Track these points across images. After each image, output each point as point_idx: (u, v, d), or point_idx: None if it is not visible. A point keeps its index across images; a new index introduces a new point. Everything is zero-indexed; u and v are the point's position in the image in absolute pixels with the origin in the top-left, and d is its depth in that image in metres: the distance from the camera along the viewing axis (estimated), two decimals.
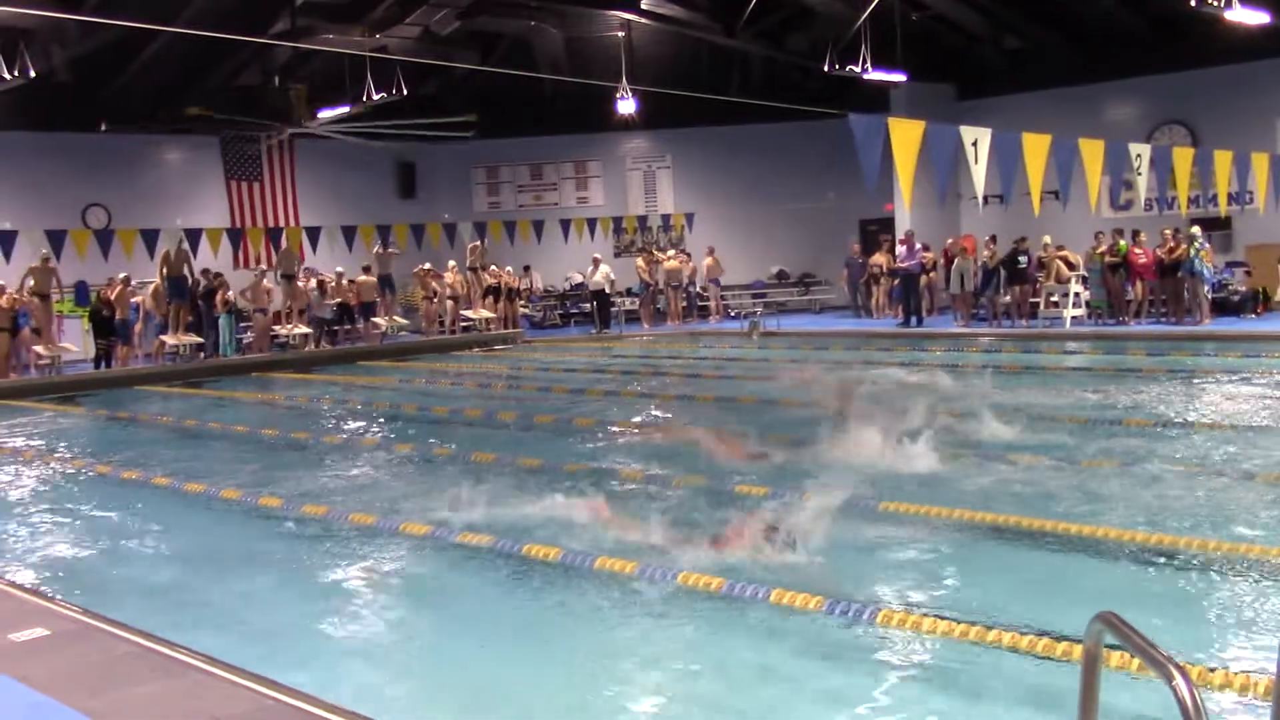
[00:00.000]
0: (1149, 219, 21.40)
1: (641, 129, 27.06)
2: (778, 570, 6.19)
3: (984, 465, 8.85)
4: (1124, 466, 8.66)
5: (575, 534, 7.18)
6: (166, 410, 15.54)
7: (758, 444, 9.97)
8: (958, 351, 18.59)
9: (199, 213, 24.10)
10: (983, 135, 12.61)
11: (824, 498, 7.15)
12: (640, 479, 9.04)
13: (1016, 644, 5.01)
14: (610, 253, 27.56)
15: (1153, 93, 23.16)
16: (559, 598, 6.14)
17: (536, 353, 22.00)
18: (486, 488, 8.27)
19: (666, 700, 4.85)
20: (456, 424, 13.28)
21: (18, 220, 21.15)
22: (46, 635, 5.35)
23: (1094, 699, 2.88)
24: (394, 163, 27.68)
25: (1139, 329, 19.66)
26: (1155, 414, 11.18)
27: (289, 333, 22.17)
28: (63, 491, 10.14)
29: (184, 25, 17.47)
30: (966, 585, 6.12)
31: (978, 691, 4.72)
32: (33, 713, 4.43)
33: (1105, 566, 6.36)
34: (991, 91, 24.65)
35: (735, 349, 20.90)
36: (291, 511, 8.48)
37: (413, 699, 4.98)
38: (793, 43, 25.68)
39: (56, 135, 22.48)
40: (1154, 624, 4.96)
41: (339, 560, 7.19)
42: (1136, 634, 2.65)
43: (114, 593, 6.60)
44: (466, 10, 24.34)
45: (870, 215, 26.72)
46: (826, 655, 5.17)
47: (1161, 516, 7.18)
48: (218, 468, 10.62)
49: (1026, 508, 7.44)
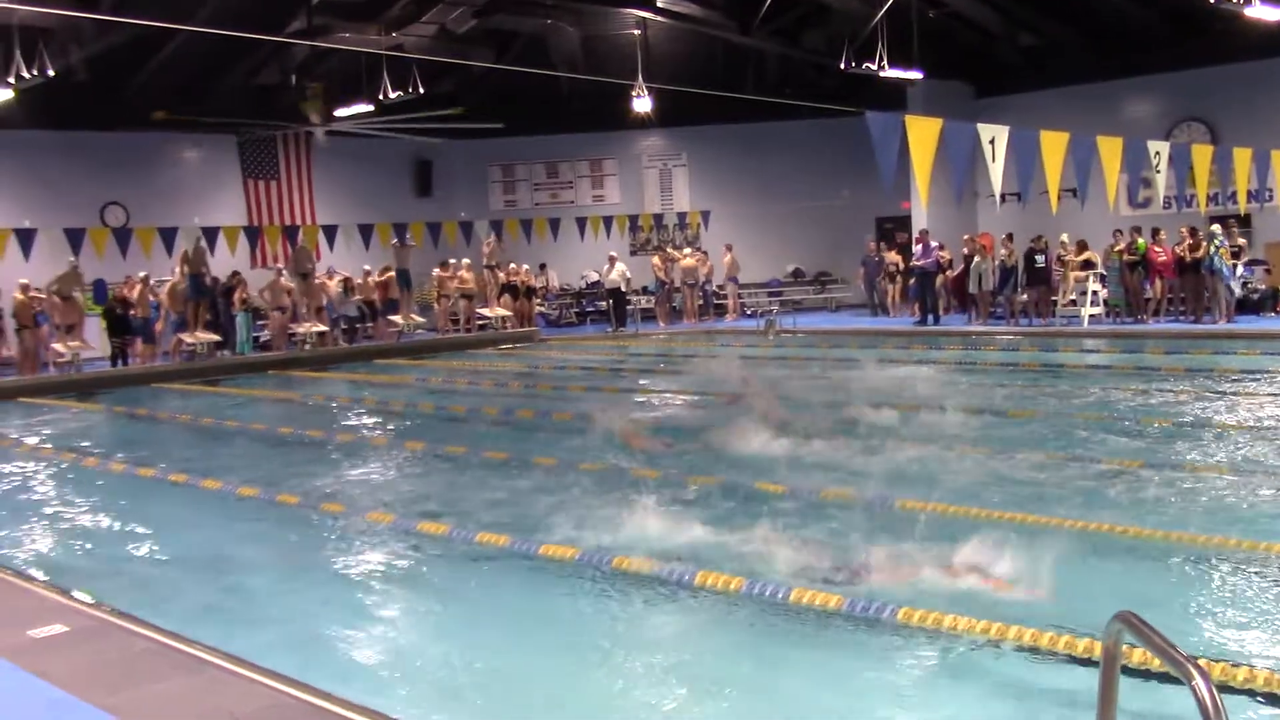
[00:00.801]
0: (1168, 217, 21.30)
1: (657, 127, 27.05)
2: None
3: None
4: (1149, 466, 8.63)
5: (594, 532, 7.18)
6: (185, 408, 15.60)
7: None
8: (974, 350, 18.52)
9: (216, 211, 24.22)
10: (1000, 133, 12.58)
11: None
12: (658, 478, 9.03)
13: (1037, 642, 5.00)
14: (626, 251, 27.57)
15: (1171, 90, 23.03)
16: (582, 595, 6.15)
17: (553, 351, 22.00)
18: (508, 486, 8.28)
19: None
20: (473, 422, 13.27)
21: (37, 219, 21.27)
22: (65, 632, 5.38)
23: (1113, 698, 2.87)
24: (410, 161, 27.74)
25: (1157, 327, 19.58)
26: (1179, 413, 11.13)
27: (306, 331, 22.24)
28: (80, 488, 10.18)
29: (201, 24, 17.52)
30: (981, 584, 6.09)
31: (997, 689, 4.71)
32: (53, 709, 4.45)
33: (1126, 565, 6.33)
34: (1009, 89, 24.57)
35: (751, 347, 20.87)
36: (310, 508, 8.51)
37: (433, 697, 4.98)
38: (809, 40, 25.63)
39: (75, 134, 22.61)
40: (1174, 623, 4.94)
41: (356, 557, 7.21)
42: (1156, 634, 2.64)
43: (130, 589, 6.62)
44: (483, 8, 24.39)
45: (887, 213, 26.68)
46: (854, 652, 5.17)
47: (1185, 515, 7.15)
48: (233, 464, 10.66)
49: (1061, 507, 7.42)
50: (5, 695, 4.64)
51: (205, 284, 20.78)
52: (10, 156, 22.32)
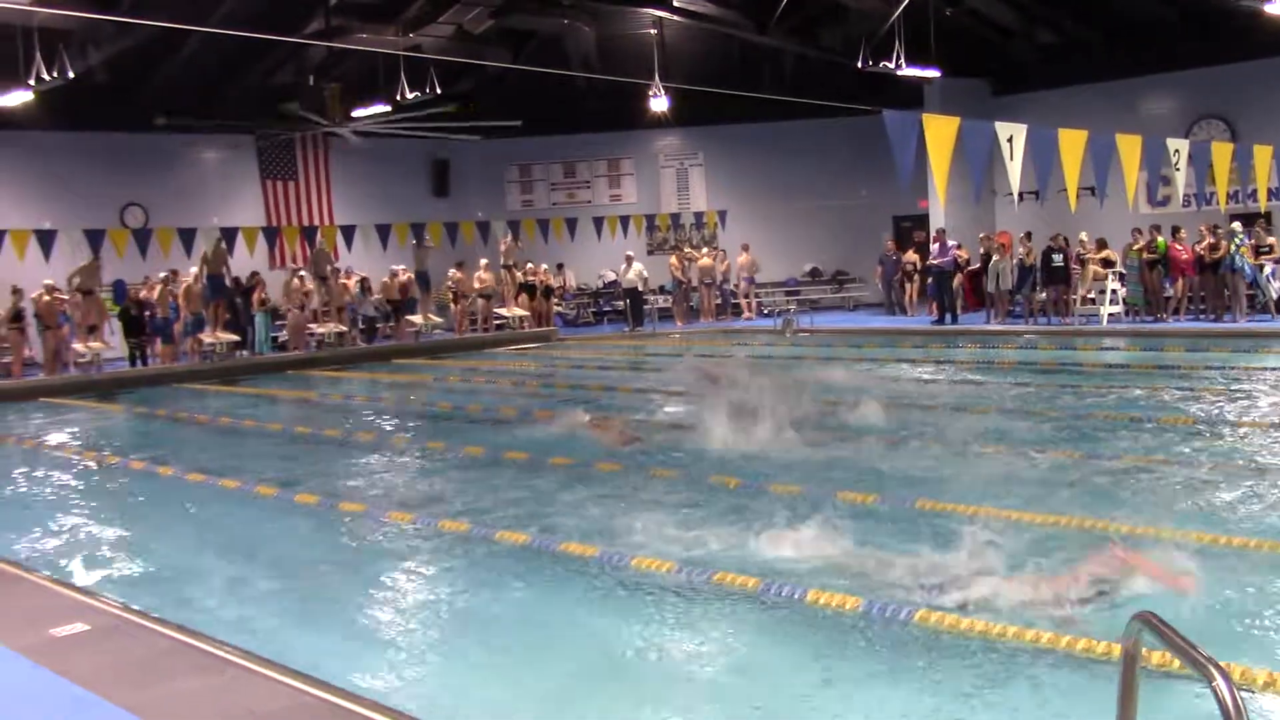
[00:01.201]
0: (1187, 215, 21.18)
1: (674, 126, 27.05)
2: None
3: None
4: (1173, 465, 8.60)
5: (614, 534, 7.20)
6: (204, 408, 15.68)
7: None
8: (992, 349, 18.47)
9: (235, 211, 24.33)
10: (1018, 131, 12.54)
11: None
12: (675, 478, 9.05)
13: (1055, 643, 4.98)
14: (643, 250, 27.57)
15: (1191, 87, 22.89)
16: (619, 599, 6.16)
17: (571, 350, 22.02)
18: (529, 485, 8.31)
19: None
20: (490, 421, 13.29)
21: (57, 219, 21.39)
22: (87, 630, 5.42)
23: (1133, 699, 2.87)
24: (428, 161, 27.81)
25: (1178, 326, 19.47)
26: (1198, 412, 11.08)
27: (325, 331, 22.34)
28: (101, 488, 10.26)
29: (219, 25, 17.60)
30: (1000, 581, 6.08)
31: (1016, 691, 4.70)
32: (75, 707, 4.48)
33: None
34: (1026, 87, 24.47)
35: (769, 346, 20.85)
36: (328, 507, 8.54)
37: (455, 696, 4.99)
38: (826, 39, 25.56)
39: (94, 135, 22.75)
40: (1196, 623, 4.92)
41: (381, 556, 7.23)
42: (1176, 634, 2.63)
43: (154, 588, 6.66)
44: (500, 9, 24.41)
45: (904, 212, 26.62)
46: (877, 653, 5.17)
47: (1204, 514, 7.12)
48: (251, 464, 10.71)
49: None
50: (28, 693, 4.67)
51: (224, 284, 20.86)
52: (31, 158, 22.48)
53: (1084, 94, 23.25)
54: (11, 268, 19.98)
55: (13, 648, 5.18)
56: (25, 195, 22.43)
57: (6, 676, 4.87)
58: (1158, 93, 23.32)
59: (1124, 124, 17.36)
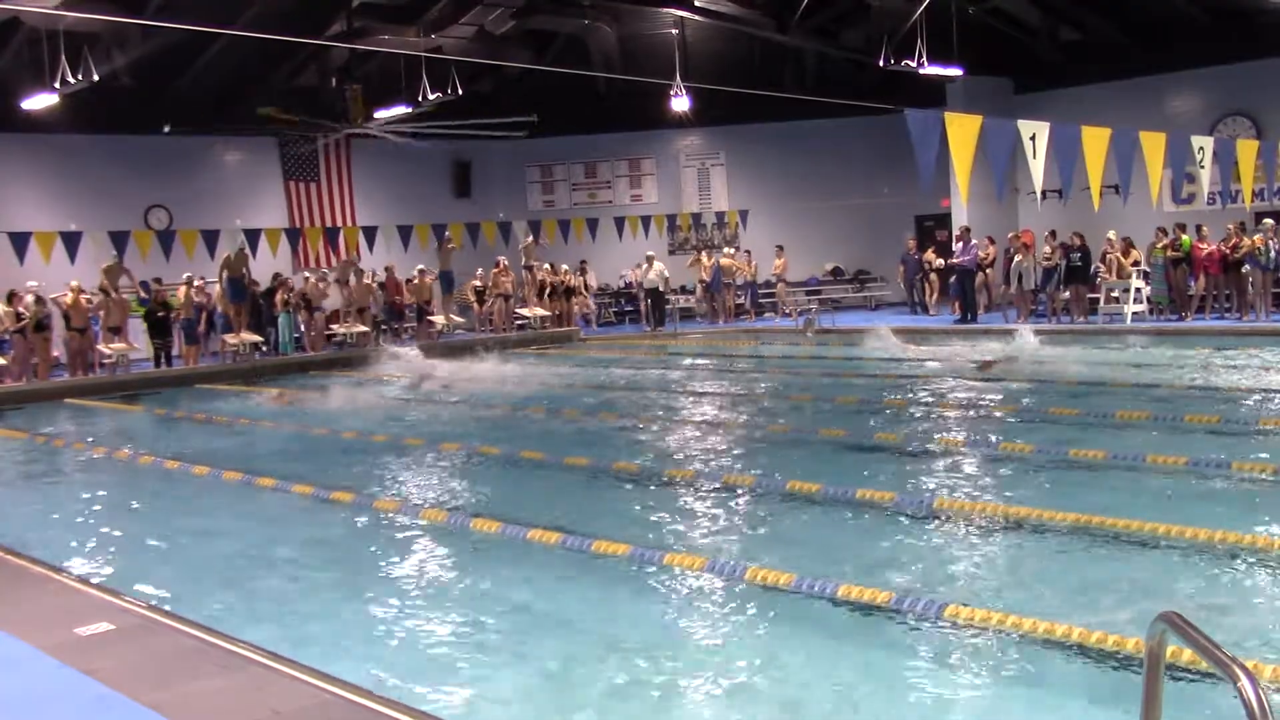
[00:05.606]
0: (1211, 213, 21.02)
1: (695, 126, 27.04)
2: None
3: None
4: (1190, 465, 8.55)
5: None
6: (226, 408, 15.74)
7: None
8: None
9: (258, 213, 24.45)
10: (1041, 129, 12.47)
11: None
12: (690, 477, 9.05)
13: (1085, 640, 4.97)
14: (664, 250, 27.56)
15: (1215, 84, 22.71)
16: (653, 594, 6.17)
17: (593, 350, 22.02)
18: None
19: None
20: (518, 422, 13.30)
21: (83, 221, 21.51)
22: (111, 629, 5.45)
23: (1157, 699, 2.85)
24: (449, 162, 27.86)
25: (1201, 324, 19.31)
26: (1218, 410, 11.01)
27: (347, 331, 22.44)
28: (125, 487, 10.32)
29: (242, 28, 17.69)
30: (1032, 583, 6.06)
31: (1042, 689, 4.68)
32: (100, 705, 4.51)
33: (1170, 565, 6.26)
34: (1049, 85, 24.34)
35: (792, 346, 20.79)
36: (361, 505, 8.57)
37: (478, 698, 5.00)
38: (847, 38, 25.53)
39: (119, 138, 22.90)
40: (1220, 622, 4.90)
41: (411, 556, 7.26)
42: (1200, 634, 2.61)
43: (178, 588, 6.70)
44: (521, 9, 24.46)
45: (926, 211, 26.53)
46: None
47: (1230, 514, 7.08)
48: (274, 464, 10.75)
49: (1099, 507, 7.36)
50: (53, 692, 4.71)
51: (244, 287, 20.97)
52: (56, 160, 22.65)
53: (1107, 91, 23.10)
54: (38, 270, 20.11)
55: (39, 646, 5.22)
56: (51, 197, 22.58)
57: (32, 675, 4.91)
58: (1182, 90, 23.16)
59: (1148, 121, 17.22)
